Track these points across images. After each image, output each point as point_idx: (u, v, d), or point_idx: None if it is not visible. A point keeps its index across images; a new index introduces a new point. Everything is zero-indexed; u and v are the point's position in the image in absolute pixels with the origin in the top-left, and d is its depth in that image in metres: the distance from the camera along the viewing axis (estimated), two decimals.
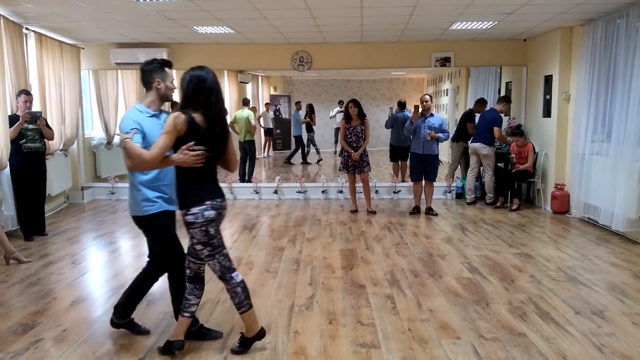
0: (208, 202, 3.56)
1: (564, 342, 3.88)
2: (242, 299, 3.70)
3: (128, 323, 4.12)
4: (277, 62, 10.24)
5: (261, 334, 3.80)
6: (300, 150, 16.18)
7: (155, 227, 3.84)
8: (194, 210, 3.53)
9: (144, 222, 3.82)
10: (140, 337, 4.04)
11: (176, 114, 3.45)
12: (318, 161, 16.31)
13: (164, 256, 3.91)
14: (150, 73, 3.76)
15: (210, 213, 3.56)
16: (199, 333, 4.00)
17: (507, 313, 4.44)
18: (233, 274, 3.68)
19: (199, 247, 3.61)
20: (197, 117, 3.48)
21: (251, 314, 3.75)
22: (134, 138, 3.49)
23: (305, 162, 16.08)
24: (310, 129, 16.51)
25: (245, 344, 3.79)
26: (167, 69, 3.80)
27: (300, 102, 17.05)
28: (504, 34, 9.18)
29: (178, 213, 3.72)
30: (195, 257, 3.71)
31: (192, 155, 3.45)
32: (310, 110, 16.52)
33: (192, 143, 3.44)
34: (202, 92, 3.51)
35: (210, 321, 4.33)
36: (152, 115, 3.77)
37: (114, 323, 4.10)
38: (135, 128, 3.55)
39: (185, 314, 3.69)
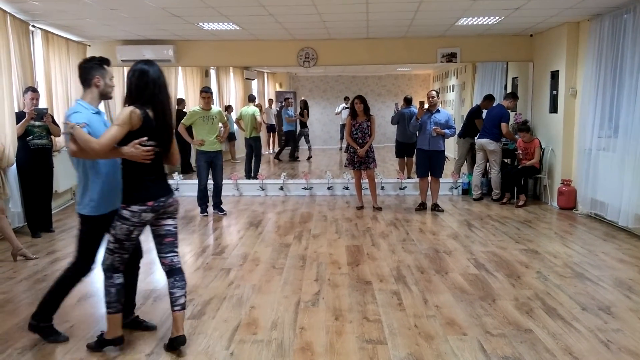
0: (150, 203, 3.58)
1: (571, 338, 3.87)
2: (112, 300, 3.67)
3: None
4: (283, 58, 10.23)
5: (118, 341, 3.75)
6: (290, 147, 16.15)
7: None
8: (134, 208, 3.55)
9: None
10: (147, 333, 4.04)
11: (132, 108, 3.49)
12: (308, 158, 16.22)
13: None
14: (89, 70, 3.77)
15: (147, 215, 3.59)
16: (134, 322, 4.07)
17: (514, 309, 4.44)
18: (115, 275, 3.68)
19: (111, 238, 3.63)
20: (150, 112, 3.53)
21: (116, 317, 3.72)
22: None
23: (293, 159, 16.03)
24: (304, 125, 16.41)
25: (100, 344, 3.75)
26: (106, 67, 3.82)
27: (289, 98, 16.94)
28: (510, 29, 9.14)
29: None
30: (162, 252, 3.76)
31: (143, 151, 3.49)
32: (304, 106, 16.46)
33: (144, 138, 3.49)
34: (146, 86, 3.56)
35: (216, 317, 4.34)
36: (95, 112, 3.79)
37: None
38: (85, 123, 3.53)
39: (176, 308, 3.69)
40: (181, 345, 3.71)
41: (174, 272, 3.78)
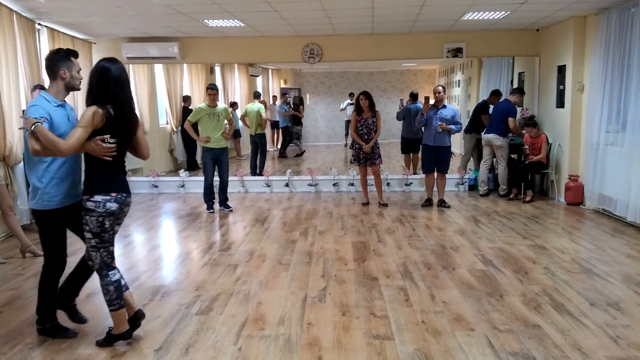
0: (113, 194, 3.64)
1: (579, 334, 3.85)
2: (112, 297, 3.70)
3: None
4: (288, 54, 10.22)
5: (126, 335, 3.79)
6: (289, 143, 16.19)
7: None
8: (97, 198, 3.59)
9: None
10: (156, 327, 4.06)
11: (94, 109, 3.53)
12: (300, 154, 16.24)
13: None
14: (56, 62, 3.76)
15: (112, 205, 3.62)
16: (71, 310, 4.08)
17: (521, 305, 4.42)
18: (110, 272, 3.72)
19: (88, 235, 3.64)
20: (111, 110, 3.59)
21: (121, 313, 3.75)
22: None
23: (282, 155, 16.05)
24: (298, 122, 16.37)
25: (110, 339, 3.80)
26: (73, 59, 3.81)
27: (286, 94, 16.86)
28: (517, 24, 9.10)
29: None
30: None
31: (103, 147, 3.54)
32: (299, 101, 16.44)
33: (107, 136, 3.56)
34: (107, 84, 3.60)
35: (224, 313, 4.34)
36: (59, 105, 3.77)
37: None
38: (45, 117, 3.54)
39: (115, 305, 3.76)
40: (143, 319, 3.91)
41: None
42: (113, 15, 7.80)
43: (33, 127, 3.45)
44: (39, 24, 8.05)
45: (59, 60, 3.75)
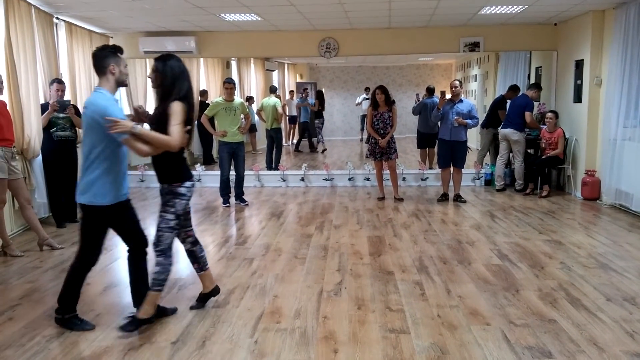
0: (192, 180, 4.06)
1: (595, 329, 3.84)
2: (162, 278, 3.94)
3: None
4: (304, 49, 10.21)
5: (151, 320, 3.98)
6: (305, 137, 16.09)
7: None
8: (187, 184, 3.98)
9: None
10: (172, 320, 4.10)
11: (181, 105, 3.79)
12: (323, 151, 16.14)
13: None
14: (105, 59, 3.81)
15: (193, 190, 4.07)
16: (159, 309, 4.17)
17: (537, 299, 4.41)
18: (171, 255, 4.00)
19: (170, 217, 3.93)
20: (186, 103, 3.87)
21: (158, 297, 4.01)
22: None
23: (313, 150, 16.02)
24: (318, 116, 16.23)
25: (136, 323, 3.91)
26: (120, 55, 3.88)
27: (306, 88, 16.74)
28: (534, 18, 9.03)
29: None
30: (187, 227, 4.24)
31: (186, 138, 3.89)
32: (317, 96, 16.34)
33: (189, 127, 3.87)
34: (182, 79, 3.90)
35: (240, 306, 4.38)
36: (115, 101, 3.87)
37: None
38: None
39: (207, 267, 4.33)
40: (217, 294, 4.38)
41: (197, 241, 4.31)
42: (130, 10, 7.84)
43: (133, 129, 3.63)
44: (57, 18, 8.12)
45: (107, 56, 3.82)
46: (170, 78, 3.85)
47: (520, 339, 3.69)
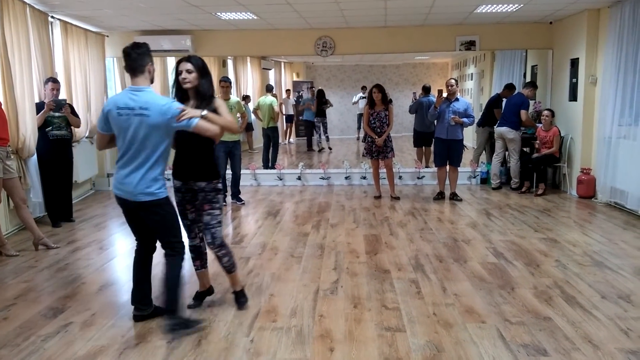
0: None
1: (590, 326, 3.85)
2: (233, 262, 4.24)
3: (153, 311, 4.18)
4: (300, 47, 10.21)
5: (244, 293, 4.43)
6: (312, 136, 16.08)
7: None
8: (221, 180, 4.15)
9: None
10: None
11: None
12: (322, 150, 16.13)
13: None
14: (144, 57, 3.82)
15: None
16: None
17: (533, 297, 4.42)
18: (225, 243, 4.21)
19: (218, 212, 4.11)
20: None
21: (238, 273, 4.40)
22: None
23: (311, 149, 16.00)
24: (318, 114, 16.13)
25: (243, 295, 4.37)
26: (152, 54, 3.94)
27: (311, 87, 16.67)
28: (530, 16, 9.05)
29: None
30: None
31: None
32: (314, 95, 16.30)
33: None
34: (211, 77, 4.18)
35: (236, 305, 4.38)
36: None
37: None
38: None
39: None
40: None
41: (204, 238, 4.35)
42: (125, 8, 7.83)
43: (203, 114, 3.80)
44: (52, 17, 8.10)
45: (145, 54, 3.86)
46: (207, 75, 4.07)
47: (515, 337, 3.70)
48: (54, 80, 7.17)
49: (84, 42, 8.95)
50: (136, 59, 3.78)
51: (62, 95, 7.79)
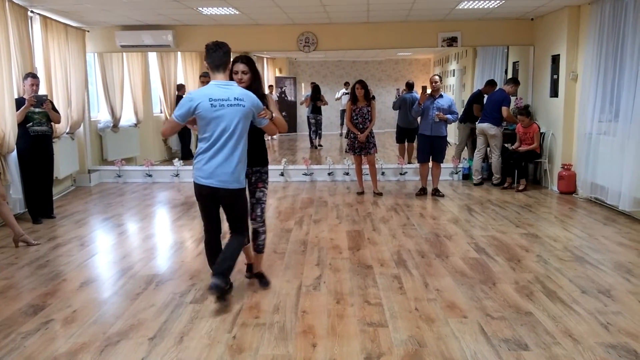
0: None
1: (571, 321, 3.89)
2: (265, 243, 4.67)
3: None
4: (283, 43, 10.19)
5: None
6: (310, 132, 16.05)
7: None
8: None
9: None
10: (150, 316, 4.07)
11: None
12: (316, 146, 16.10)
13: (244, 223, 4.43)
14: (227, 55, 4.09)
15: None
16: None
17: (514, 292, 4.46)
18: None
19: (266, 191, 4.65)
20: None
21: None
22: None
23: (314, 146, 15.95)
24: (312, 111, 16.04)
25: (264, 278, 4.71)
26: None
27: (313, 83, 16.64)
28: (511, 13, 9.11)
29: None
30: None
31: None
32: (312, 91, 16.22)
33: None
34: None
35: (218, 301, 4.36)
36: None
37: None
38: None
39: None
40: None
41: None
42: (106, 3, 7.76)
43: (275, 115, 4.33)
44: (32, 12, 8.00)
45: (228, 53, 4.13)
46: (259, 75, 4.41)
47: (496, 332, 3.73)
48: (34, 76, 7.09)
49: (64, 37, 8.85)
50: (222, 57, 4.06)
51: (42, 91, 7.71)
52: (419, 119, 8.67)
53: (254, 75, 4.35)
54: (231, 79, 4.21)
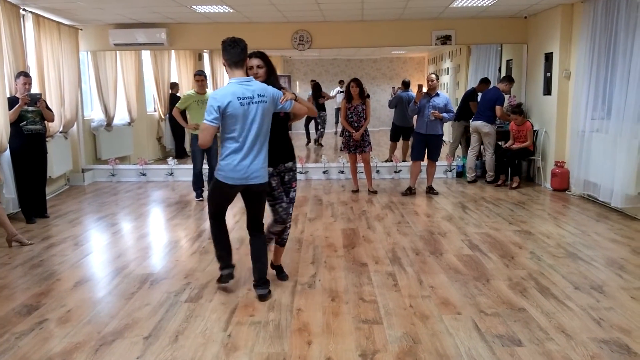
0: None
1: (564, 317, 3.91)
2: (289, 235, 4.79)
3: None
4: (277, 41, 10.17)
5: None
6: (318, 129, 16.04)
7: None
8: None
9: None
10: (144, 315, 4.07)
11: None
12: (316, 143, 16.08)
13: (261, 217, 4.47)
14: (245, 52, 4.08)
15: None
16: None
17: (507, 289, 4.48)
18: None
19: (296, 193, 4.68)
20: None
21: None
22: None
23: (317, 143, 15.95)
24: (321, 108, 15.94)
25: (281, 270, 4.86)
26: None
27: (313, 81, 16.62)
28: (505, 11, 9.13)
29: None
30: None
31: None
32: (313, 89, 16.19)
33: None
34: None
35: (214, 300, 4.37)
36: None
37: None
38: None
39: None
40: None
41: None
42: (99, 1, 7.73)
43: (295, 95, 4.31)
44: (24, 10, 7.97)
45: (245, 50, 4.11)
46: (274, 69, 4.41)
47: (490, 328, 3.75)
48: (26, 75, 7.07)
49: (57, 36, 8.82)
50: (240, 54, 4.04)
51: (35, 90, 7.68)
52: (414, 117, 8.67)
53: (269, 69, 4.35)
54: (246, 74, 4.16)
